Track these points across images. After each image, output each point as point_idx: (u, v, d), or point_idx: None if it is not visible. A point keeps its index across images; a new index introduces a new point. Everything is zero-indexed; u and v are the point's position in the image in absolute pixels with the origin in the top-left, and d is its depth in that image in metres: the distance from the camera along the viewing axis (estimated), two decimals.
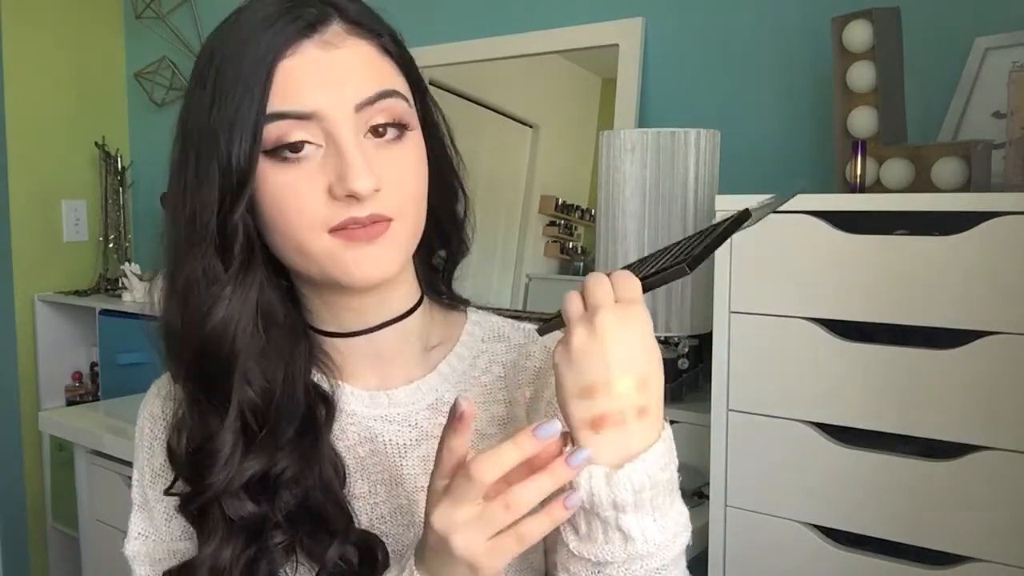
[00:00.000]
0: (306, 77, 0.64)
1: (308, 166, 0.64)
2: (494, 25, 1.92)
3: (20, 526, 2.59)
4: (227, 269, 0.66)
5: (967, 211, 1.01)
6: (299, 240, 0.65)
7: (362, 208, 0.64)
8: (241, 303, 0.67)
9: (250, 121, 0.63)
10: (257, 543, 0.68)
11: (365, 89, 0.65)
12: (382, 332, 0.74)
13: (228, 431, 0.67)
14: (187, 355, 0.68)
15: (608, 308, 0.58)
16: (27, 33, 2.58)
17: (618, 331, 0.57)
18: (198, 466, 0.68)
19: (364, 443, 0.74)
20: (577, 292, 0.60)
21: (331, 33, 0.65)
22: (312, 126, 0.64)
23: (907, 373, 1.05)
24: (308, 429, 0.70)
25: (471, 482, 0.54)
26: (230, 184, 0.64)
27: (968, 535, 1.02)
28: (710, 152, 1.36)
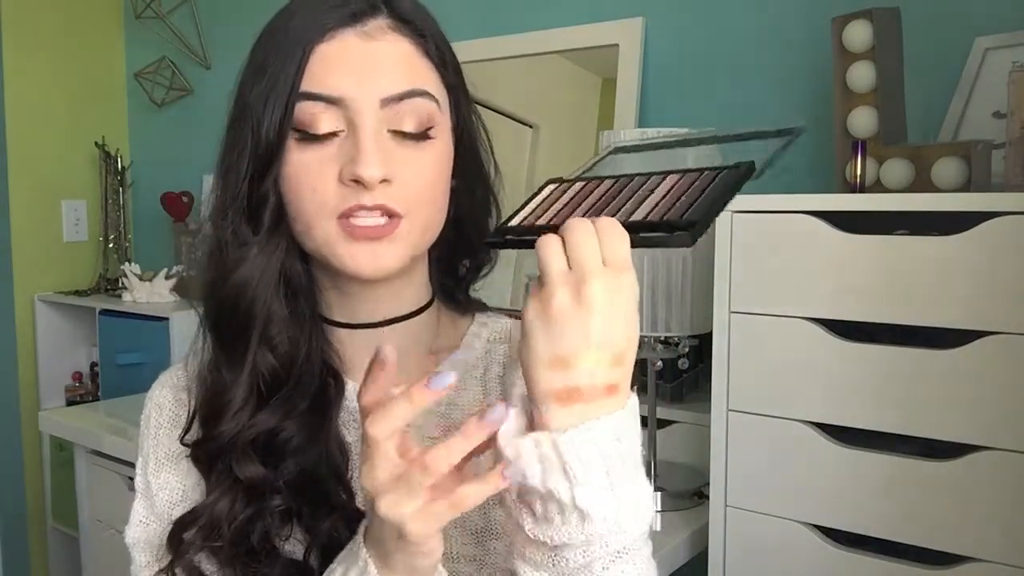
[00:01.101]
0: (339, 63, 0.66)
1: (327, 149, 0.66)
2: (494, 25, 1.92)
3: (20, 526, 2.59)
4: (256, 232, 0.69)
5: (967, 211, 1.01)
6: (308, 221, 0.67)
7: (371, 196, 0.65)
8: (264, 263, 0.69)
9: (283, 96, 0.65)
10: (257, 504, 0.69)
11: (394, 85, 0.66)
12: (387, 329, 0.74)
13: (241, 385, 0.69)
14: (212, 309, 0.71)
15: (598, 275, 0.53)
16: (27, 33, 2.58)
17: (606, 304, 0.53)
18: (211, 413, 0.70)
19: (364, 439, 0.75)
20: (558, 241, 0.55)
21: (373, 26, 0.68)
22: (337, 111, 0.66)
23: (907, 373, 1.05)
24: (319, 405, 0.71)
25: (425, 473, 0.53)
26: (260, 154, 0.67)
27: (968, 535, 1.02)
28: (710, 153, 1.36)
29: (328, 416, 0.72)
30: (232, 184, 0.69)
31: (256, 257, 0.69)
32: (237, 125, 0.69)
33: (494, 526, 0.73)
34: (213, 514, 0.69)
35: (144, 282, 2.42)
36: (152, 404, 0.80)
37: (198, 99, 2.63)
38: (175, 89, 2.66)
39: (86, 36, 2.72)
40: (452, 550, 0.72)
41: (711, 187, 0.56)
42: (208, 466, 0.71)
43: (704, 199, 0.55)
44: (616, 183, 0.62)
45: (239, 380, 0.69)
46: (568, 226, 0.55)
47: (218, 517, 0.69)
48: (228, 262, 0.69)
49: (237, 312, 0.69)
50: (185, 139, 2.66)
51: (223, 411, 0.69)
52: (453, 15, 2.06)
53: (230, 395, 0.69)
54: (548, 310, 0.54)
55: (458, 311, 0.81)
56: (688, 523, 1.34)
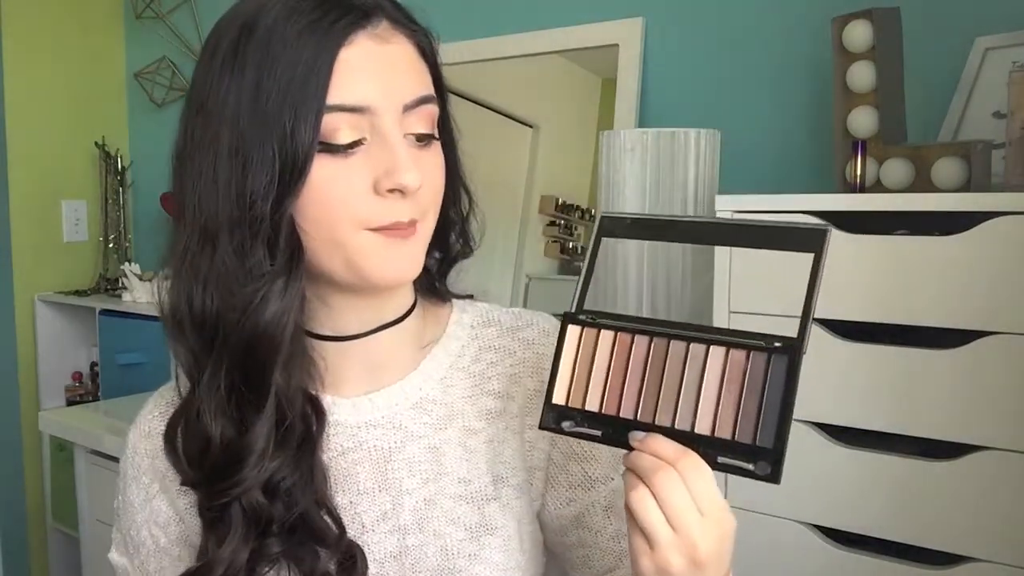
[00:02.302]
0: (362, 69, 0.63)
1: (354, 160, 0.63)
2: (494, 25, 1.92)
3: (20, 526, 2.59)
4: (273, 260, 0.63)
5: (967, 211, 1.01)
6: (335, 232, 0.64)
7: (404, 210, 0.64)
8: (293, 296, 0.64)
9: (313, 109, 0.61)
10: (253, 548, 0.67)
11: (412, 90, 0.66)
12: (376, 336, 0.73)
13: (265, 422, 0.65)
14: (232, 347, 0.65)
15: (706, 536, 0.58)
16: (27, 33, 2.58)
17: (717, 557, 0.59)
18: (230, 459, 0.66)
19: (348, 452, 0.73)
20: (652, 501, 0.57)
21: (381, 27, 0.65)
22: (361, 120, 0.63)
23: (907, 373, 1.05)
24: (305, 441, 0.69)
25: None
26: (288, 173, 0.62)
27: (968, 535, 1.02)
28: (710, 152, 1.36)
29: (315, 450, 0.69)
30: (247, 204, 0.62)
31: (284, 291, 0.64)
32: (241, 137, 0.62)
33: (489, 521, 0.73)
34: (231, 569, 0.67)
35: (144, 282, 2.42)
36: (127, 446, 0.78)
37: None
38: (175, 89, 2.65)
39: (86, 36, 2.72)
40: (447, 546, 0.72)
41: (768, 389, 0.58)
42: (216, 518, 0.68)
43: (768, 412, 0.58)
44: (651, 344, 0.62)
45: (261, 421, 0.65)
46: (657, 483, 0.57)
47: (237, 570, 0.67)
48: (247, 294, 0.63)
49: (266, 350, 0.64)
50: None
51: (244, 456, 0.65)
52: (454, 15, 2.07)
53: (250, 438, 0.65)
54: (666, 568, 0.57)
55: (438, 301, 0.80)
56: None
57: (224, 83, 0.64)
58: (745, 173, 1.53)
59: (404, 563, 0.72)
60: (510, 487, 0.75)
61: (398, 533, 0.72)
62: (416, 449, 0.74)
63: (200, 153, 0.64)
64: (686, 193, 1.33)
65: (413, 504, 0.73)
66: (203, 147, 0.64)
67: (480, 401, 0.76)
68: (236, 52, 0.63)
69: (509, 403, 0.76)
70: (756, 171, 1.55)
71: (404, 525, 0.72)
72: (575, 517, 0.76)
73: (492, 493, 0.74)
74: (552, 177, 1.83)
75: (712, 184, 1.36)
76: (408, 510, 0.73)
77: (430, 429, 0.74)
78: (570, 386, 0.63)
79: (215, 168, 0.63)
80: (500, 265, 1.85)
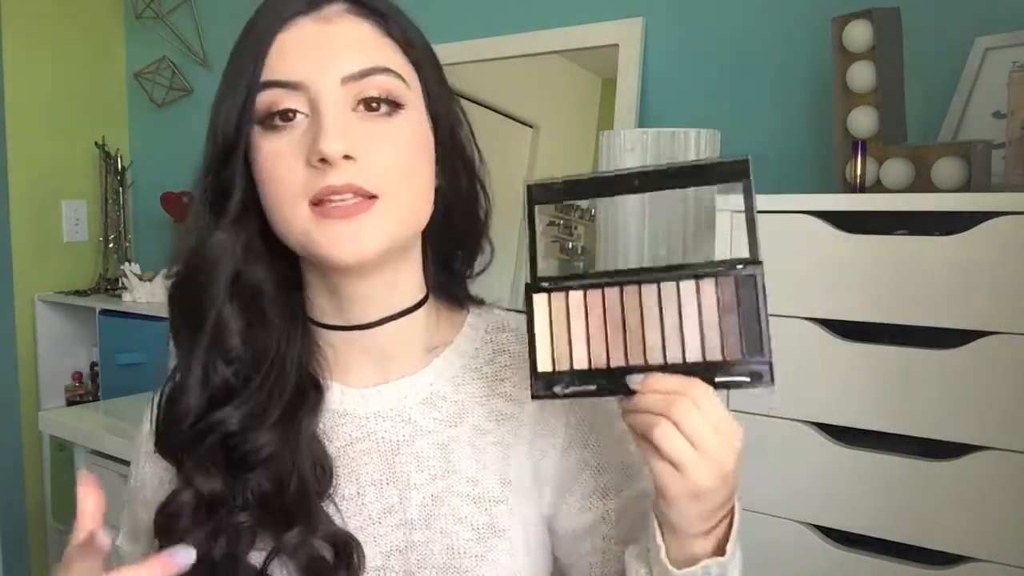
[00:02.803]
0: (297, 48, 0.67)
1: (293, 135, 0.66)
2: (494, 25, 1.92)
3: (20, 526, 2.59)
4: (219, 222, 0.70)
5: (967, 211, 1.01)
6: (282, 210, 0.67)
7: (338, 176, 0.64)
8: (223, 245, 0.69)
9: (242, 87, 0.67)
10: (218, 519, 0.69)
11: (354, 64, 0.66)
12: (383, 328, 0.73)
13: (196, 364, 0.70)
14: (173, 292, 0.72)
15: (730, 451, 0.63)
16: (27, 33, 2.58)
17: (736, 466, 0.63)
18: (171, 397, 0.72)
19: (356, 443, 0.74)
20: (675, 430, 0.59)
21: (330, 11, 0.68)
22: (300, 96, 0.66)
23: (907, 373, 1.05)
24: (293, 414, 0.71)
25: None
26: (218, 144, 0.68)
27: (968, 535, 1.02)
28: (710, 152, 1.36)
29: (301, 428, 0.71)
30: (201, 181, 0.70)
31: (217, 239, 0.69)
32: (209, 127, 0.70)
33: (496, 523, 0.73)
34: (173, 504, 0.70)
35: (144, 282, 2.42)
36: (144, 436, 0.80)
37: (198, 99, 2.62)
38: (175, 89, 2.66)
39: (86, 36, 2.72)
40: (454, 545, 0.72)
41: (742, 307, 0.61)
42: (175, 458, 0.72)
43: (748, 326, 0.60)
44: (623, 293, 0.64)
45: (194, 361, 0.70)
46: (677, 413, 0.59)
47: (178, 509, 0.69)
48: (190, 244, 0.70)
49: (193, 288, 0.70)
50: (185, 139, 2.66)
51: (181, 392, 0.70)
52: (454, 15, 2.07)
53: (185, 377, 0.70)
54: (697, 488, 0.61)
55: (455, 306, 0.80)
56: None
57: None
58: None
59: (409, 558, 0.72)
60: (518, 491, 0.74)
61: (405, 527, 0.72)
62: (425, 444, 0.74)
63: None
64: (686, 193, 1.33)
65: (420, 499, 0.73)
66: None
67: (491, 403, 0.76)
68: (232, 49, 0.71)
69: (521, 409, 0.75)
70: (756, 171, 1.54)
71: (411, 520, 0.72)
72: (589, 527, 0.76)
73: (500, 495, 0.74)
74: None
75: None
76: (416, 505, 0.73)
77: (440, 425, 0.74)
78: (552, 351, 0.64)
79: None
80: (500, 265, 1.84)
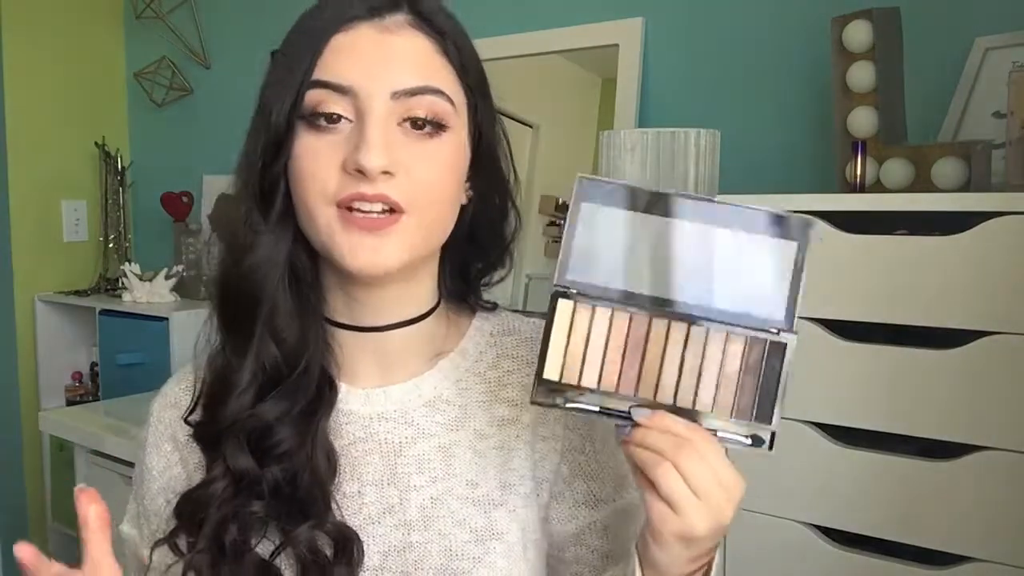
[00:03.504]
0: (352, 53, 0.67)
1: (335, 137, 0.66)
2: (494, 25, 1.92)
3: (20, 526, 2.59)
4: (267, 219, 0.69)
5: (967, 211, 1.01)
6: (309, 206, 0.67)
7: (372, 186, 0.65)
8: (272, 249, 0.70)
9: (294, 84, 0.66)
10: (237, 503, 0.69)
11: (407, 80, 0.67)
12: (393, 332, 0.74)
13: (246, 369, 0.70)
14: (222, 291, 0.72)
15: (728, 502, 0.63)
16: (27, 33, 2.58)
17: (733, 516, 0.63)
18: (217, 394, 0.72)
19: (359, 442, 0.74)
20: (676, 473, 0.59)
21: (392, 21, 0.68)
22: (347, 101, 0.66)
23: (907, 373, 1.05)
24: (311, 410, 0.71)
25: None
26: (270, 140, 0.68)
27: (968, 535, 1.02)
28: (710, 152, 1.36)
29: (318, 423, 0.71)
30: (247, 171, 0.70)
31: (266, 243, 0.69)
32: (257, 115, 0.70)
33: (495, 526, 0.73)
34: (207, 492, 0.70)
35: (144, 282, 2.42)
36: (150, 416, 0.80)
37: (198, 99, 2.62)
38: (175, 89, 2.65)
39: (86, 36, 2.72)
40: (452, 547, 0.72)
41: (764, 373, 0.62)
42: (211, 448, 0.72)
43: (764, 393, 0.62)
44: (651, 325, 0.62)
45: (244, 364, 0.70)
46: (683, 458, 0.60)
47: (209, 498, 0.70)
48: (240, 247, 0.70)
49: (245, 295, 0.70)
50: (185, 139, 2.66)
51: (228, 393, 0.70)
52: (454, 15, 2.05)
53: (235, 378, 0.70)
54: (692, 534, 0.60)
55: (463, 311, 0.80)
56: None
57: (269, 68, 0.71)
58: (745, 173, 1.53)
59: (407, 559, 0.72)
60: (517, 495, 0.75)
61: (403, 528, 0.73)
62: (426, 447, 0.74)
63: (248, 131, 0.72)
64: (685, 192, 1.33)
65: (420, 501, 0.73)
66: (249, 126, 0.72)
67: (494, 408, 0.76)
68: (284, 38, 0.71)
69: (522, 413, 0.76)
70: (756, 171, 1.55)
71: (410, 521, 0.73)
72: (575, 534, 0.76)
73: (499, 499, 0.74)
74: (552, 177, 1.83)
75: (712, 184, 1.36)
76: (415, 506, 0.73)
77: (441, 428, 0.75)
78: (563, 362, 0.62)
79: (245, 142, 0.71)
80: None
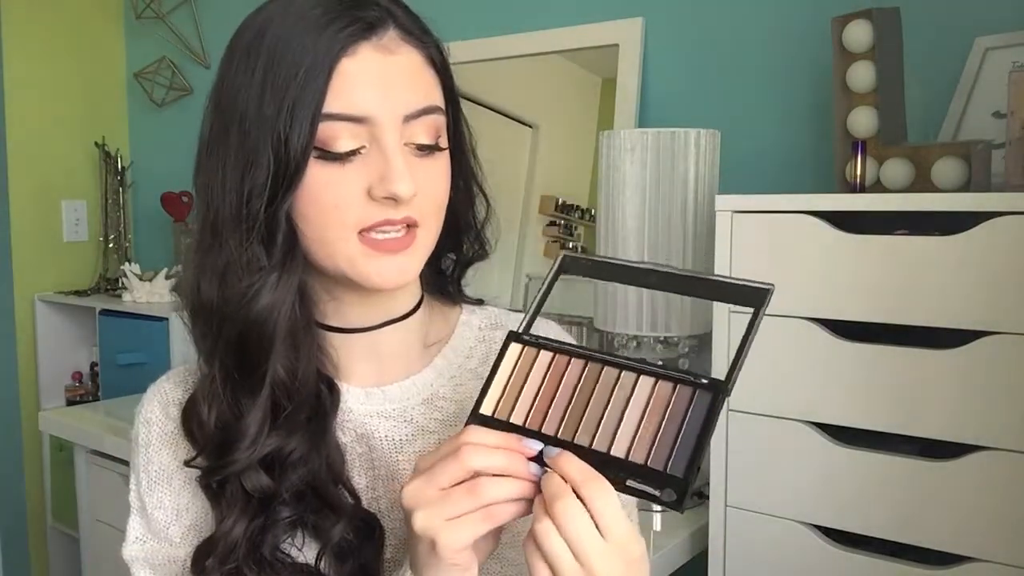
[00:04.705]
0: (363, 80, 0.64)
1: (351, 167, 0.65)
2: (494, 25, 1.92)
3: (20, 526, 2.59)
4: (270, 256, 0.66)
5: (967, 211, 1.01)
6: (328, 237, 0.66)
7: (397, 211, 0.65)
8: (285, 290, 0.67)
9: (308, 116, 0.63)
10: (266, 516, 0.69)
11: (415, 101, 0.66)
12: (383, 331, 0.74)
13: (259, 409, 0.68)
14: (227, 335, 0.68)
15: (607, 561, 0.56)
16: (27, 33, 2.58)
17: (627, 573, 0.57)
18: (225, 440, 0.69)
19: (360, 440, 0.75)
20: (554, 530, 0.56)
21: (388, 38, 0.66)
22: (360, 129, 0.65)
23: (907, 373, 1.05)
24: (316, 414, 0.71)
25: (457, 462, 0.58)
26: (282, 176, 0.64)
27: (968, 535, 1.02)
28: (710, 152, 1.36)
29: (328, 426, 0.72)
30: (247, 203, 0.65)
31: (278, 283, 0.67)
32: (245, 138, 0.65)
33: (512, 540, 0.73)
34: (229, 540, 0.69)
35: (144, 282, 2.42)
36: (141, 420, 0.79)
37: (198, 99, 2.61)
38: (175, 89, 2.66)
39: (86, 36, 2.72)
40: None
41: (687, 422, 0.58)
42: (217, 492, 0.70)
43: (683, 443, 0.57)
44: (586, 368, 0.63)
45: (255, 407, 0.68)
46: (558, 510, 0.56)
47: (234, 542, 0.69)
48: (244, 286, 0.66)
49: (262, 340, 0.67)
50: (185, 139, 2.61)
51: (239, 439, 0.68)
52: (454, 15, 2.07)
53: (248, 420, 0.68)
54: None
55: (447, 303, 0.82)
56: (688, 523, 1.34)
57: (236, 83, 0.66)
58: (745, 173, 1.53)
59: None
60: None
61: None
62: (427, 444, 0.75)
63: (214, 150, 0.68)
64: (686, 193, 1.33)
65: None
66: (216, 144, 0.67)
67: None
68: (249, 54, 0.66)
69: None
70: (756, 171, 1.55)
71: None
72: None
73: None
74: (552, 177, 1.83)
75: (712, 184, 1.36)
76: None
77: (440, 425, 0.76)
78: (500, 398, 0.64)
79: (224, 166, 0.66)
80: (500, 265, 1.85)
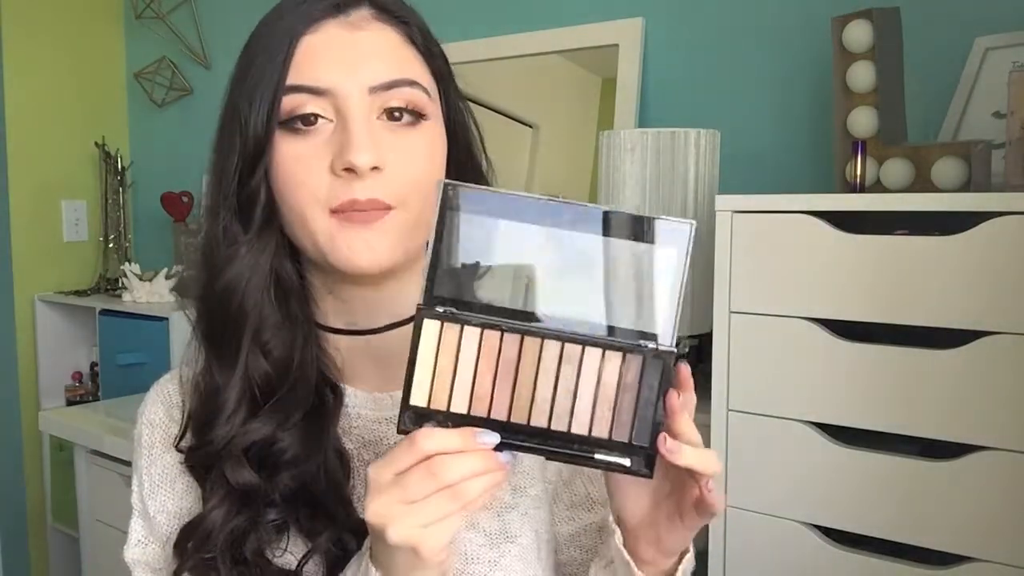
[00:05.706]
0: (325, 54, 0.66)
1: (316, 140, 0.66)
2: (494, 25, 1.92)
3: (20, 526, 2.59)
4: (246, 232, 0.68)
5: (967, 211, 1.01)
6: (302, 215, 0.66)
7: (363, 189, 0.64)
8: (253, 262, 0.68)
9: (269, 91, 0.65)
10: (250, 514, 0.68)
11: (382, 74, 0.66)
12: (388, 334, 0.73)
13: (234, 388, 0.68)
14: (203, 309, 0.71)
15: None
16: (27, 33, 2.58)
17: None
18: (205, 417, 0.70)
19: (368, 446, 0.74)
20: None
21: (357, 16, 0.68)
22: (325, 101, 0.65)
23: (907, 373, 1.05)
24: (316, 416, 0.70)
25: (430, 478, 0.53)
26: (248, 151, 0.67)
27: (968, 535, 1.02)
28: (710, 152, 1.36)
29: (326, 427, 0.70)
30: (222, 182, 0.68)
31: (246, 255, 0.68)
32: (226, 123, 0.69)
33: (509, 528, 0.73)
34: (206, 524, 0.68)
35: (144, 282, 2.42)
36: (144, 421, 0.78)
37: (198, 99, 2.63)
38: (175, 89, 2.66)
39: (86, 36, 2.72)
40: (467, 551, 0.72)
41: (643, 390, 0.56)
42: (203, 474, 0.70)
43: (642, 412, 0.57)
44: (523, 343, 0.57)
45: (231, 383, 0.68)
46: None
47: (212, 527, 0.68)
48: (219, 261, 0.69)
49: (228, 312, 0.68)
50: (185, 139, 2.66)
51: (216, 415, 0.68)
52: (454, 15, 2.07)
53: (223, 398, 0.68)
54: None
55: None
56: None
57: (235, 74, 0.70)
58: (745, 173, 1.53)
59: None
60: (528, 497, 0.74)
61: None
62: None
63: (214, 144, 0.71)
64: (686, 193, 1.33)
65: None
66: (215, 138, 0.71)
67: None
68: (244, 48, 0.70)
69: None
70: (756, 171, 1.55)
71: None
72: (571, 536, 0.77)
73: (511, 502, 0.74)
74: (552, 177, 1.83)
75: (712, 184, 1.36)
76: None
77: None
78: (431, 386, 0.57)
79: (214, 149, 0.70)
80: None
